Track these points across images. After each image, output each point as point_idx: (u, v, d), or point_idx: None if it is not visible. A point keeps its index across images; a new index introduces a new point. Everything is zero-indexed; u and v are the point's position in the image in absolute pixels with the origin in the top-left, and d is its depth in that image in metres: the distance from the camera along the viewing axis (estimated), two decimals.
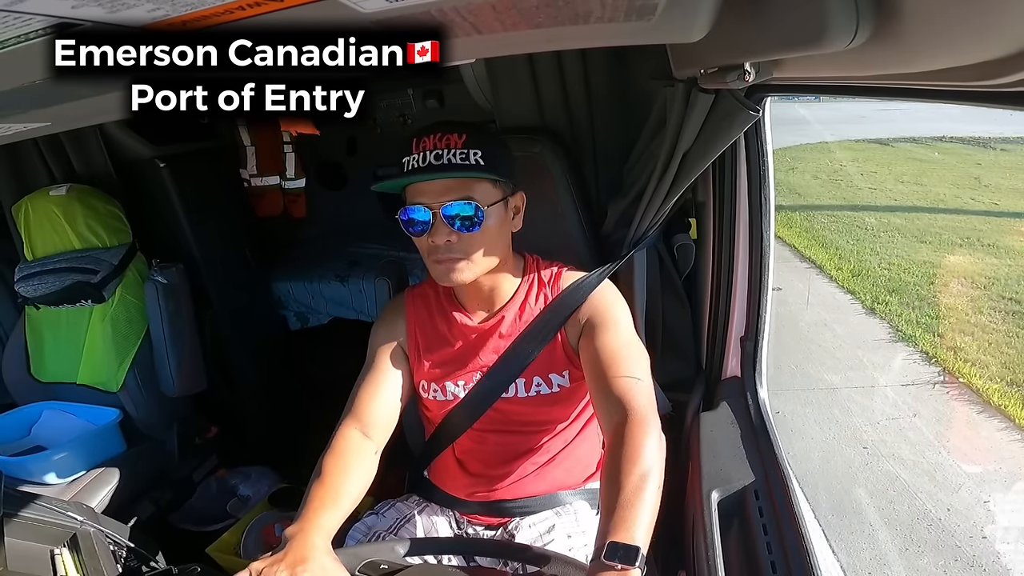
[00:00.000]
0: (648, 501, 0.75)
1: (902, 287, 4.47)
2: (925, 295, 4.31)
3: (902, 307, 4.12)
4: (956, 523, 2.30)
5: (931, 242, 5.45)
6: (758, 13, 0.53)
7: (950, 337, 3.69)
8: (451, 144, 0.92)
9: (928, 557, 2.15)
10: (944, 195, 7.16)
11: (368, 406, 0.99)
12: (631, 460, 0.78)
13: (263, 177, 2.33)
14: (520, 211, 1.03)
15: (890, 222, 6.12)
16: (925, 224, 5.98)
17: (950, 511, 2.37)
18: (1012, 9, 0.33)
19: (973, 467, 2.62)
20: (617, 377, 0.90)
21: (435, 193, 0.93)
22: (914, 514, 2.35)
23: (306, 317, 2.39)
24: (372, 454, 0.96)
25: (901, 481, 2.52)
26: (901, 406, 3.04)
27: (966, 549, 2.18)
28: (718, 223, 1.25)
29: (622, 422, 0.84)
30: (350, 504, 0.88)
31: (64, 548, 1.08)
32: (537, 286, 1.05)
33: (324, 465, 0.91)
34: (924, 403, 3.07)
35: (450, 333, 1.06)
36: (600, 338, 0.96)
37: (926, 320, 3.93)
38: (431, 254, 0.96)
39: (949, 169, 8.47)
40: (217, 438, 2.00)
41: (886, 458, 2.64)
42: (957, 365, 3.36)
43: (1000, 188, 7.33)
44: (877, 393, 3.16)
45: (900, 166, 8.76)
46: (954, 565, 2.12)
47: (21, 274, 1.71)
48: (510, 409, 1.04)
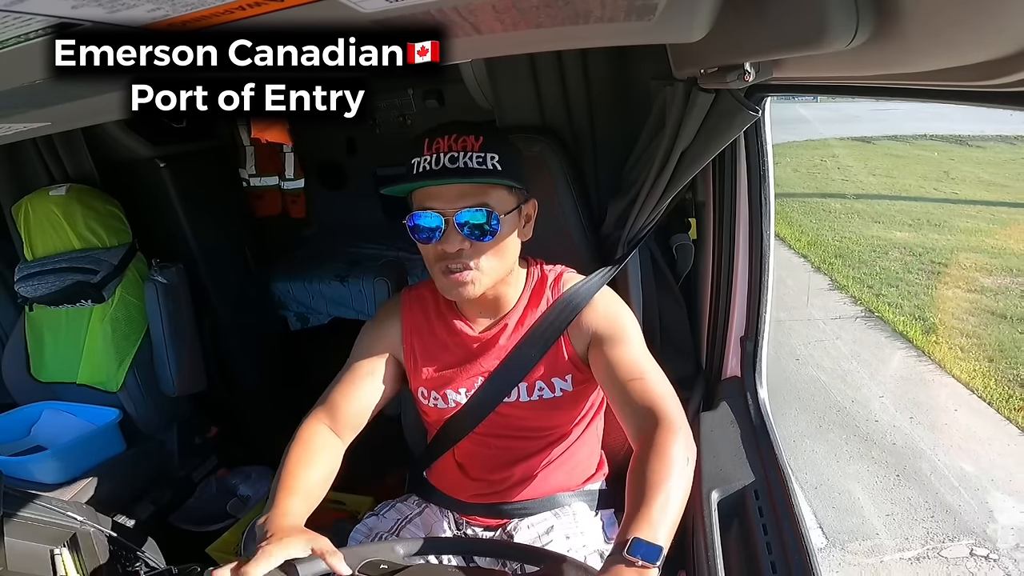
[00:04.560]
0: (674, 505, 0.75)
1: (847, 253, 5.46)
2: (866, 259, 5.31)
3: (844, 267, 5.14)
4: (857, 410, 3.14)
5: (884, 222, 6.33)
6: (758, 13, 0.53)
7: (877, 287, 4.68)
8: (468, 146, 0.87)
9: (834, 433, 2.97)
10: (910, 186, 7.86)
11: (343, 403, 0.97)
12: (661, 464, 0.78)
13: (262, 177, 2.33)
14: (531, 220, 0.99)
15: (852, 207, 6.94)
16: (883, 209, 6.84)
17: (854, 402, 3.21)
18: (1011, 9, 0.33)
19: (876, 373, 3.53)
20: (643, 388, 0.89)
21: (449, 198, 0.88)
22: (827, 404, 3.19)
23: (306, 317, 2.39)
24: (338, 450, 0.95)
25: (820, 382, 3.39)
26: (828, 332, 4.03)
27: (863, 428, 3.01)
28: (718, 223, 1.25)
29: (652, 429, 0.83)
30: (318, 493, 0.88)
31: (64, 548, 1.08)
32: (539, 291, 1.03)
33: (290, 456, 0.90)
34: (847, 331, 4.06)
35: (451, 341, 1.03)
36: (614, 351, 0.94)
37: (861, 276, 4.92)
38: (439, 262, 0.92)
39: (922, 164, 9.02)
40: (217, 438, 2.00)
41: (811, 367, 3.55)
42: (878, 306, 4.35)
43: (965, 180, 8.01)
44: (812, 325, 4.14)
45: (876, 161, 9.37)
46: (853, 439, 2.92)
47: (21, 274, 1.71)
48: (512, 413, 1.02)
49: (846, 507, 2.51)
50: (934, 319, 4.10)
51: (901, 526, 2.41)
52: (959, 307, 4.30)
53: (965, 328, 3.99)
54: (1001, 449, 2.87)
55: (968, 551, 2.28)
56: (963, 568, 2.21)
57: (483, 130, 0.88)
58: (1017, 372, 3.44)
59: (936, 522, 2.42)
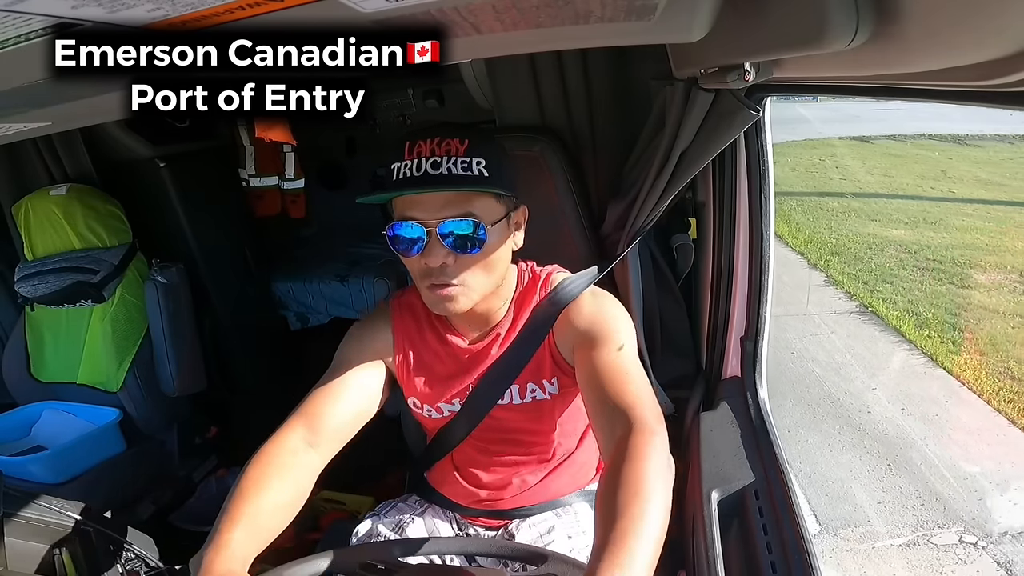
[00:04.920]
0: (651, 530, 0.61)
1: (844, 251, 5.54)
2: (862, 256, 5.39)
3: (840, 264, 5.23)
4: (850, 402, 3.21)
5: (880, 220, 6.44)
6: (758, 13, 0.53)
7: (872, 283, 4.75)
8: (451, 151, 0.80)
9: (828, 424, 3.04)
10: (907, 185, 7.93)
11: (326, 414, 0.87)
12: (636, 474, 0.66)
13: (262, 177, 2.33)
14: (522, 227, 0.93)
15: (849, 205, 7.04)
16: (880, 207, 6.93)
17: (847, 394, 3.28)
18: (1011, 9, 0.33)
19: (867, 365, 3.63)
20: (620, 391, 0.80)
21: (431, 208, 0.82)
22: (821, 396, 3.26)
23: (306, 317, 2.39)
24: (311, 469, 0.83)
25: (815, 375, 3.47)
26: (823, 327, 4.11)
27: (855, 419, 3.07)
28: (718, 223, 1.25)
29: (625, 435, 0.72)
30: (275, 522, 0.75)
31: (64, 548, 1.08)
32: (530, 296, 0.98)
33: (245, 475, 0.77)
34: (841, 325, 4.15)
35: (443, 351, 0.99)
36: (595, 353, 0.86)
37: (856, 272, 5.00)
38: (424, 278, 0.86)
39: (920, 163, 9.11)
40: (217, 438, 2.00)
41: (806, 360, 3.63)
42: (872, 301, 4.43)
43: (962, 179, 8.09)
44: (808, 319, 4.22)
45: (874, 160, 9.46)
46: (846, 429, 3.00)
47: (21, 274, 1.71)
48: (507, 416, 0.99)
49: (839, 495, 2.56)
50: (927, 314, 4.17)
51: (892, 513, 2.46)
52: (952, 302, 4.37)
53: (957, 323, 4.05)
54: (990, 439, 2.95)
55: (957, 538, 2.34)
56: (952, 554, 2.27)
57: (469, 132, 0.82)
58: (1008, 365, 3.51)
59: (926, 510, 2.48)
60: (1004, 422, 3.04)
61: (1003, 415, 3.08)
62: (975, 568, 2.21)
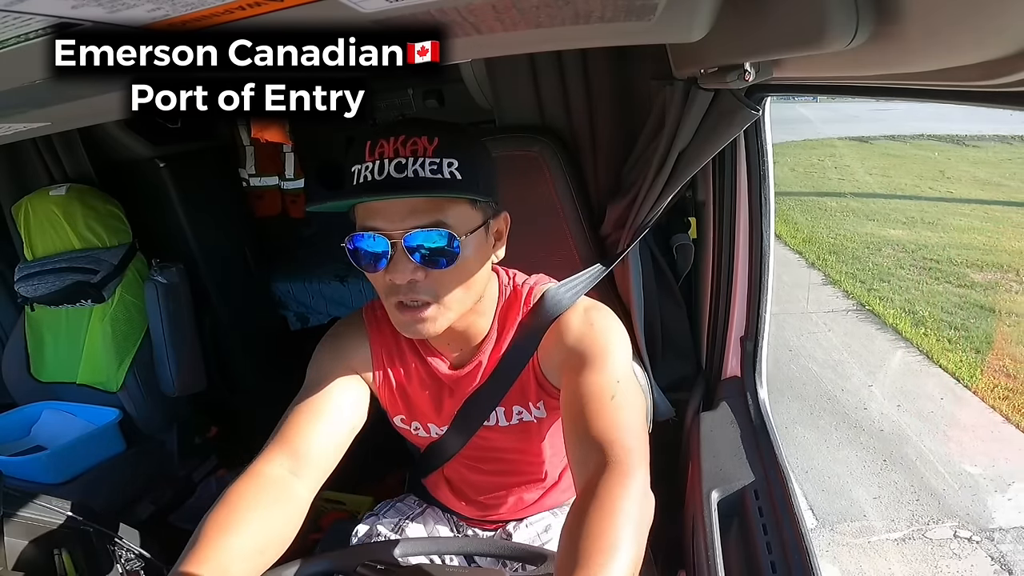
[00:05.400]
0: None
1: (842, 250, 5.59)
2: (859, 256, 5.43)
3: (838, 263, 5.27)
4: (847, 399, 3.24)
5: (878, 220, 6.47)
6: (758, 13, 0.53)
7: (869, 282, 4.80)
8: (418, 151, 0.69)
9: (825, 420, 3.08)
10: (905, 185, 7.97)
11: (307, 441, 0.77)
12: (599, 526, 0.59)
13: (262, 177, 2.33)
14: (503, 236, 0.82)
15: (848, 205, 7.08)
16: (879, 207, 6.97)
17: (844, 391, 3.31)
18: (1011, 9, 0.33)
19: (864, 363, 3.67)
20: (600, 422, 0.71)
21: (395, 216, 0.71)
22: (818, 393, 3.30)
23: (306, 317, 2.39)
24: (296, 505, 0.74)
25: (812, 372, 3.51)
26: (821, 325, 4.16)
27: (852, 415, 3.11)
28: (718, 223, 1.25)
29: (597, 473, 0.65)
30: (248, 567, 0.66)
31: (64, 548, 1.08)
32: (513, 313, 0.88)
33: (211, 514, 0.68)
34: (839, 323, 4.21)
35: (425, 373, 0.90)
36: (584, 377, 0.77)
37: (854, 271, 5.05)
38: (391, 295, 0.75)
39: (918, 163, 9.16)
40: (217, 438, 2.00)
41: (803, 357, 3.68)
42: (869, 300, 4.48)
43: (960, 179, 8.13)
44: (806, 317, 4.26)
45: (873, 160, 9.50)
46: (842, 425, 3.03)
47: (21, 274, 1.71)
48: (495, 437, 0.93)
49: (835, 490, 2.60)
50: (923, 312, 4.22)
51: (888, 508, 2.49)
52: (948, 301, 4.41)
53: (953, 321, 4.09)
54: (985, 436, 2.98)
55: (952, 533, 2.37)
56: (947, 549, 2.30)
57: (439, 129, 0.71)
58: (1003, 363, 3.54)
59: (921, 505, 2.50)
60: (998, 418, 3.08)
61: (998, 412, 3.12)
62: (969, 562, 2.24)
